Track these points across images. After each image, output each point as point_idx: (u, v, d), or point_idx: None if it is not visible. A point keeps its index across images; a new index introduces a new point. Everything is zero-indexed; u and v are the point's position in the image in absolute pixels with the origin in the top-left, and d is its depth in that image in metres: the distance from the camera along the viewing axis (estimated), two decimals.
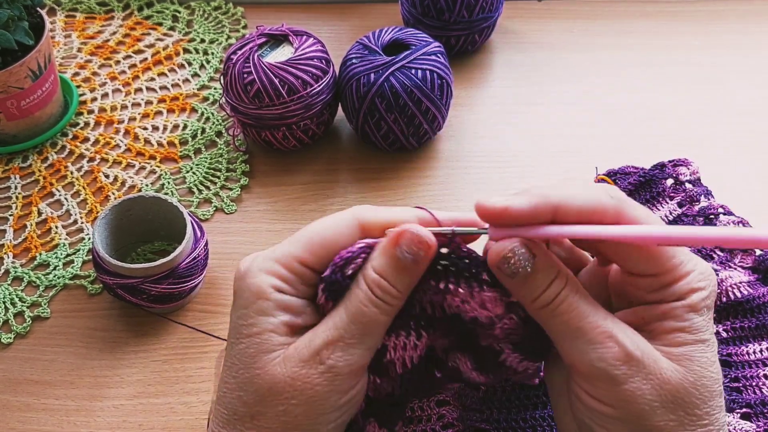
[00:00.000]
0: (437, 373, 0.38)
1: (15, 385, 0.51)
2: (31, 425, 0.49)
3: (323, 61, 0.60)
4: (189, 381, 0.51)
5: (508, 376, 0.37)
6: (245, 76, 0.58)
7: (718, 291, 0.49)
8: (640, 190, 0.55)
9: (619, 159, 0.59)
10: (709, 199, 0.55)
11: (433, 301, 0.34)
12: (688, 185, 0.55)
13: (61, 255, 0.58)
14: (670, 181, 0.56)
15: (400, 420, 0.37)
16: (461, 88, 0.70)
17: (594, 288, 0.36)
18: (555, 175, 0.62)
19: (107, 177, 0.64)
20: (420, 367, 0.36)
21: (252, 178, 0.63)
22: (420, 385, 0.37)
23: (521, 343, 0.35)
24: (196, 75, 0.72)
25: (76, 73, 0.72)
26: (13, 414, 0.49)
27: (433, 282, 0.33)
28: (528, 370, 0.37)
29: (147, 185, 0.63)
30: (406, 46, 0.60)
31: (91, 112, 0.69)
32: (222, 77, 0.61)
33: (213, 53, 0.74)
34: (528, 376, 0.38)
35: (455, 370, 0.37)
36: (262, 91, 0.57)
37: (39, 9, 0.63)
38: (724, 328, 0.48)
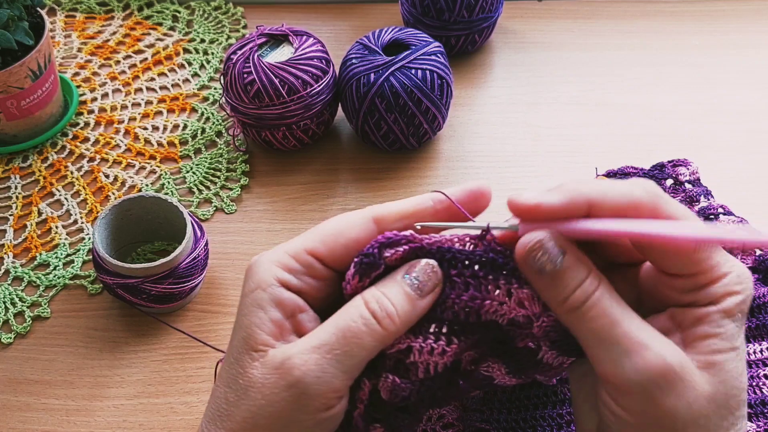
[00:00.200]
0: (461, 382, 0.36)
1: (15, 385, 0.51)
2: (31, 425, 0.49)
3: (323, 61, 0.60)
4: (189, 381, 0.51)
5: (539, 373, 0.36)
6: (245, 76, 0.58)
7: None
8: None
9: (619, 159, 0.59)
10: (708, 199, 0.55)
11: (468, 306, 0.33)
12: (688, 185, 0.55)
13: (61, 255, 0.58)
14: (669, 182, 0.56)
15: (407, 429, 0.35)
16: (461, 88, 0.70)
17: (622, 285, 0.34)
18: (555, 175, 0.62)
19: (107, 177, 0.64)
20: (443, 376, 0.34)
21: (252, 178, 0.63)
22: (438, 394, 0.35)
23: (559, 341, 0.34)
24: (196, 75, 0.72)
25: (76, 73, 0.72)
26: (13, 414, 0.49)
27: (470, 284, 0.32)
28: (563, 365, 0.36)
29: (147, 185, 0.63)
30: (406, 46, 0.60)
31: (91, 112, 0.69)
32: (222, 77, 0.61)
33: (213, 53, 0.74)
34: (559, 372, 0.37)
35: (486, 378, 0.36)
36: (262, 91, 0.58)
37: (39, 9, 0.63)
38: None
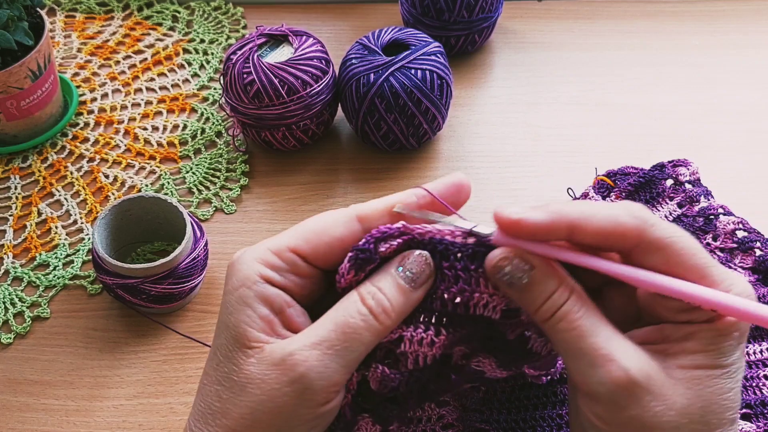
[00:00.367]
0: (453, 376, 0.37)
1: (15, 385, 0.51)
2: (31, 425, 0.49)
3: (323, 61, 0.60)
4: (189, 381, 0.51)
5: (530, 364, 0.37)
6: (245, 76, 0.58)
7: None
8: (640, 190, 0.55)
9: (619, 159, 0.59)
10: (708, 200, 0.55)
11: (457, 298, 0.33)
12: (688, 186, 0.55)
13: (61, 255, 0.58)
14: (669, 182, 0.56)
15: (396, 420, 0.36)
16: (461, 88, 0.70)
17: (620, 299, 0.34)
18: (555, 175, 0.62)
19: (107, 177, 0.64)
20: (432, 368, 0.35)
21: (252, 178, 0.63)
22: (428, 386, 0.36)
23: None
24: (195, 75, 0.72)
25: (76, 74, 0.72)
26: (13, 414, 0.49)
27: (461, 277, 0.33)
28: (552, 352, 0.36)
29: (147, 185, 0.63)
30: (405, 46, 0.60)
31: (90, 112, 0.69)
32: (222, 77, 0.61)
33: (213, 53, 0.74)
34: (548, 363, 0.37)
35: (477, 372, 0.37)
36: (261, 91, 0.57)
37: (39, 9, 0.63)
38: None
